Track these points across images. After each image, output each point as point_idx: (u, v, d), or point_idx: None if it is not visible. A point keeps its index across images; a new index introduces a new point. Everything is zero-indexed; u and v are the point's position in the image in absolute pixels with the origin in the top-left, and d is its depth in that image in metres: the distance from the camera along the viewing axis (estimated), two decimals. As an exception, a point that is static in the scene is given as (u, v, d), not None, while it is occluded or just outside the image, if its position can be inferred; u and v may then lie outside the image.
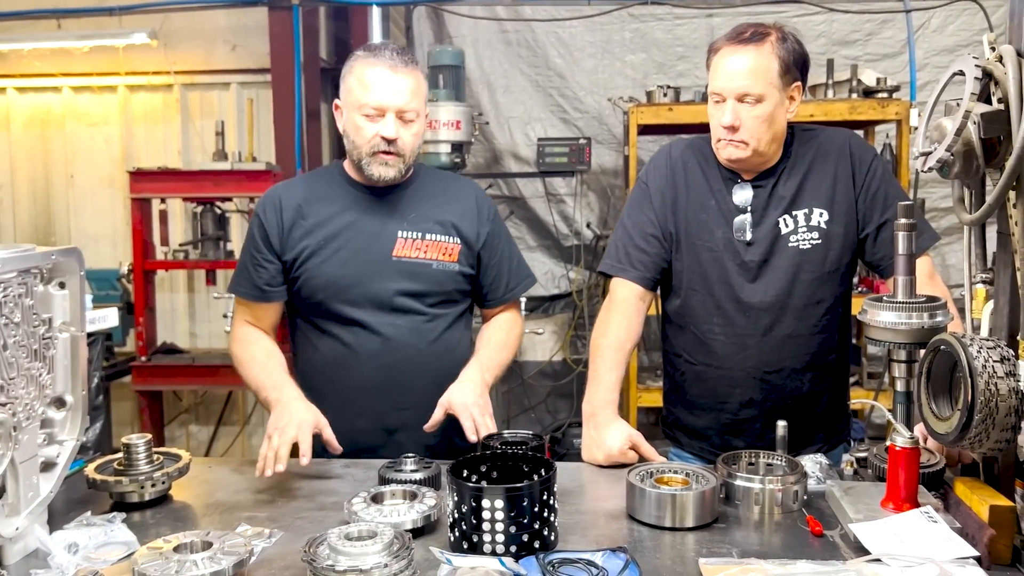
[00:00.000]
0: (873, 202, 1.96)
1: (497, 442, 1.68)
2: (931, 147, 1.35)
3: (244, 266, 2.05)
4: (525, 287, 2.19)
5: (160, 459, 1.67)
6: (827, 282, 1.97)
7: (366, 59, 1.94)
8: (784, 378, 1.98)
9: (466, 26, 5.07)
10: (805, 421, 1.96)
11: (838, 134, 2.04)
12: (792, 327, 1.96)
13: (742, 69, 1.87)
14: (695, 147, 2.08)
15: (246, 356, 2.01)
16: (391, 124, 1.91)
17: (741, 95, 1.87)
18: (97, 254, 5.06)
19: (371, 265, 1.97)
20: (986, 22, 4.68)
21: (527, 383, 5.17)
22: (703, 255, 1.99)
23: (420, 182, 2.08)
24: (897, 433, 1.43)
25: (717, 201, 2.00)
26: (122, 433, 5.25)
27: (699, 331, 2.02)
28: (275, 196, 2.05)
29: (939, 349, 1.40)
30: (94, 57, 4.87)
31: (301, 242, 1.99)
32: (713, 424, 2.05)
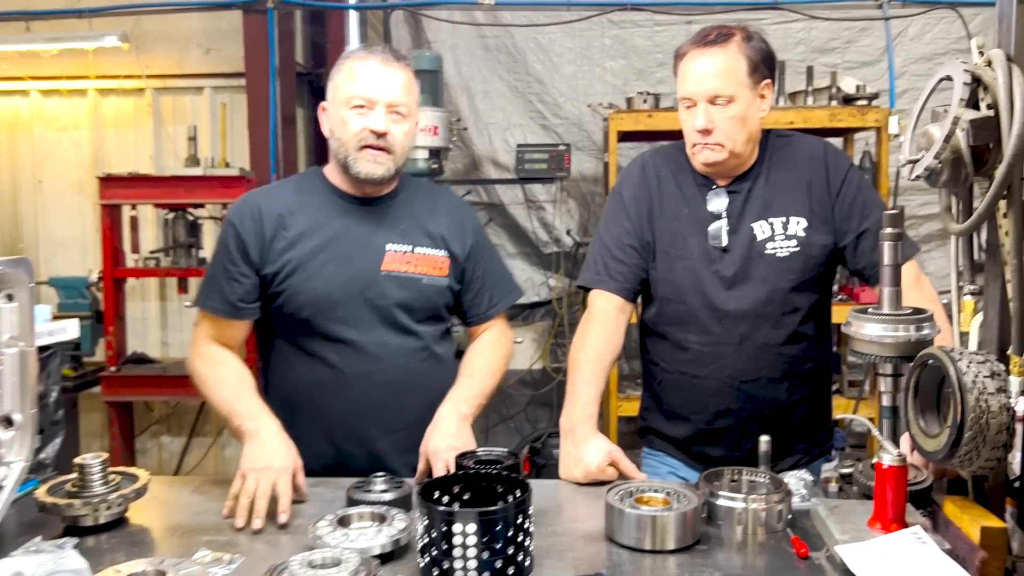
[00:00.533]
0: (850, 211, 1.93)
1: (470, 461, 1.60)
2: (918, 154, 1.31)
3: (215, 279, 1.91)
4: (509, 301, 2.11)
5: (116, 479, 1.59)
6: (804, 291, 1.94)
7: (357, 55, 1.87)
8: (761, 387, 1.94)
9: (444, 31, 5.01)
10: (783, 431, 1.93)
11: (813, 143, 2.02)
12: (768, 336, 1.92)
13: (710, 71, 1.84)
14: (668, 155, 2.05)
15: (213, 377, 1.86)
16: (381, 116, 1.82)
17: (712, 97, 1.84)
18: (66, 261, 4.95)
19: (360, 280, 1.87)
20: (963, 30, 4.72)
21: (506, 392, 5.10)
22: (677, 264, 1.96)
23: (407, 192, 2.00)
24: (884, 451, 1.38)
25: (691, 209, 1.96)
26: (91, 445, 5.17)
27: (675, 340, 1.99)
28: (253, 204, 1.91)
29: (927, 363, 1.35)
30: (63, 60, 4.75)
31: (284, 255, 1.87)
32: (689, 433, 2.01)
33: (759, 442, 1.64)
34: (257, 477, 1.60)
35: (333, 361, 1.87)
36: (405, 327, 1.90)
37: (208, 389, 1.86)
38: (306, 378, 1.89)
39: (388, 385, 1.88)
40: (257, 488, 1.58)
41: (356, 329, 1.87)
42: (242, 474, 1.62)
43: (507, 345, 2.10)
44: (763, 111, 1.91)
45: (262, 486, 1.58)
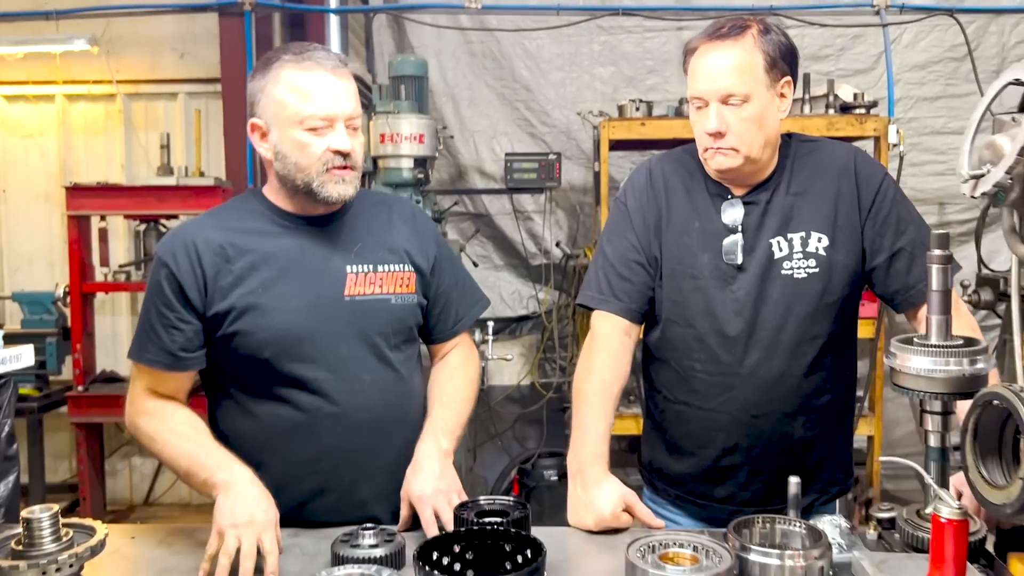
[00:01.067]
0: (884, 228, 1.75)
1: (472, 513, 1.43)
2: (982, 169, 1.16)
3: (150, 328, 1.66)
4: (476, 313, 1.91)
5: (69, 534, 1.39)
6: (824, 317, 1.75)
7: (297, 63, 1.62)
8: (772, 422, 1.76)
9: (428, 36, 4.85)
10: (797, 470, 1.75)
11: (842, 149, 1.83)
12: (783, 365, 1.74)
13: (723, 67, 1.66)
14: (678, 161, 1.87)
15: (164, 432, 1.63)
16: (343, 135, 1.63)
17: (725, 96, 1.67)
18: (32, 275, 4.75)
19: (323, 311, 1.66)
20: (956, 38, 4.63)
21: (493, 410, 4.92)
22: (684, 283, 1.78)
23: (357, 205, 1.78)
24: (942, 502, 1.23)
25: (701, 222, 1.78)
26: (58, 467, 4.94)
27: (680, 367, 1.81)
28: (186, 238, 1.67)
29: (990, 403, 1.20)
30: (29, 64, 4.56)
31: (233, 292, 1.63)
32: (692, 470, 1.83)
33: (788, 484, 1.48)
34: (238, 534, 1.41)
35: (300, 404, 1.65)
36: (379, 357, 1.71)
37: (161, 446, 1.63)
38: (267, 427, 1.67)
39: (363, 426, 1.68)
40: (240, 546, 1.39)
41: (324, 366, 1.65)
42: (219, 531, 1.42)
43: (476, 365, 1.92)
44: (782, 112, 1.74)
45: (245, 544, 1.39)
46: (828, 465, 1.85)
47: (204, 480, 1.55)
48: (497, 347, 4.50)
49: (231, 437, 1.67)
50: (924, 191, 4.72)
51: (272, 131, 1.66)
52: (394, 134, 3.83)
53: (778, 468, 1.76)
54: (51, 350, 4.23)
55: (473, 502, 1.49)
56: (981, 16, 4.68)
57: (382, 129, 3.85)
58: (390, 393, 1.71)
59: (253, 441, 1.66)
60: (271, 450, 1.65)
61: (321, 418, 1.65)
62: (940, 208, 4.81)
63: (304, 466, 1.66)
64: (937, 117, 4.83)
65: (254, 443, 1.66)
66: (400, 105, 3.90)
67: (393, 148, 3.86)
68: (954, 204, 4.76)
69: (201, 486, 1.56)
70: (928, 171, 4.75)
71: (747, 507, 1.78)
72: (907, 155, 4.38)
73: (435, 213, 4.01)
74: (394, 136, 3.84)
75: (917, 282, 1.71)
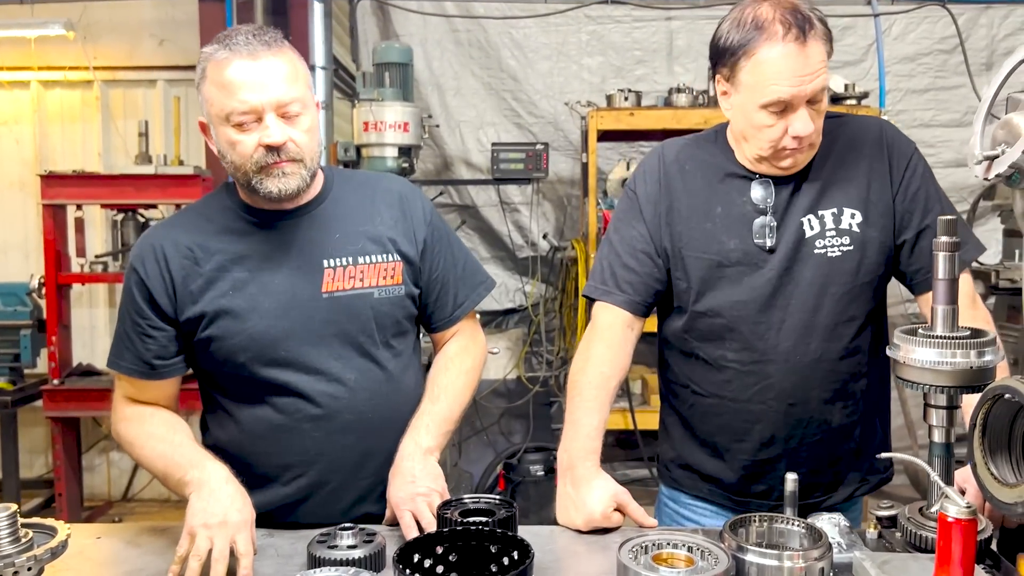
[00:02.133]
0: (913, 204, 1.67)
1: (456, 512, 1.35)
2: (997, 149, 1.10)
3: (124, 335, 1.59)
4: (479, 297, 1.78)
5: (29, 535, 1.32)
6: (860, 296, 1.67)
7: (217, 54, 1.48)
8: (811, 410, 1.67)
9: (414, 24, 4.77)
10: (837, 459, 1.70)
11: (871, 122, 1.75)
12: (820, 349, 1.65)
13: (811, 68, 1.52)
14: (694, 145, 1.78)
15: (142, 434, 1.56)
16: (274, 127, 1.47)
17: (813, 96, 1.54)
18: (6, 266, 4.64)
19: (299, 311, 1.56)
20: (946, 30, 4.60)
21: (479, 403, 4.86)
22: (711, 271, 1.68)
23: (337, 192, 1.67)
24: (949, 500, 1.16)
25: (725, 206, 1.69)
26: (34, 463, 4.83)
27: (709, 357, 1.71)
28: (155, 242, 1.58)
29: (1000, 397, 1.14)
30: (3, 49, 4.45)
31: (203, 296, 1.55)
32: (729, 466, 1.74)
33: (786, 480, 1.42)
34: (210, 535, 1.33)
35: (280, 407, 1.56)
36: (363, 355, 1.61)
37: (139, 450, 1.56)
38: (249, 431, 1.59)
39: (348, 428, 1.59)
40: (212, 548, 1.31)
41: (302, 369, 1.56)
42: (190, 532, 1.34)
43: (478, 353, 1.80)
44: None
45: (218, 546, 1.31)
46: (868, 453, 1.76)
47: (178, 480, 1.47)
48: (483, 340, 4.45)
49: (220, 442, 1.60)
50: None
51: (211, 129, 1.55)
52: (378, 122, 3.76)
53: (818, 458, 1.69)
54: (26, 343, 4.14)
55: (457, 500, 1.42)
56: (971, 8, 4.64)
57: (366, 117, 3.77)
58: (377, 393, 1.62)
59: (238, 445, 1.59)
60: (255, 454, 1.58)
61: (302, 421, 1.57)
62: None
63: (288, 470, 1.58)
64: (926, 110, 4.80)
65: (239, 447, 1.59)
66: (384, 93, 3.83)
67: (377, 136, 3.78)
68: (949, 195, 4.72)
69: (176, 486, 1.48)
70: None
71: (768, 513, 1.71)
72: (897, 147, 4.34)
73: (420, 204, 3.93)
74: (378, 124, 3.76)
75: None
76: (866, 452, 1.76)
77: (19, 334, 4.13)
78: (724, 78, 1.64)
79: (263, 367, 1.55)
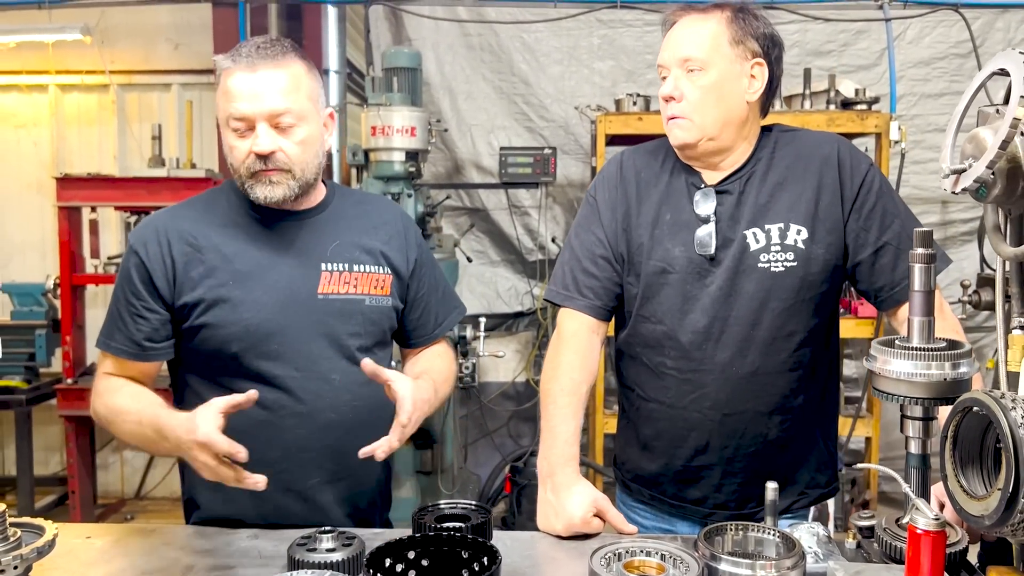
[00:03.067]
0: (869, 221, 1.68)
1: (431, 517, 1.38)
2: (964, 163, 1.10)
3: (117, 315, 1.63)
4: (455, 320, 1.89)
5: (17, 535, 1.35)
6: (801, 312, 1.68)
7: (224, 63, 1.58)
8: (747, 421, 1.70)
9: (426, 28, 4.80)
10: (773, 472, 1.67)
11: (825, 138, 1.76)
12: (757, 363, 1.67)
13: (685, 36, 1.65)
14: (650, 153, 1.81)
15: (113, 408, 1.59)
16: (263, 136, 1.54)
17: (681, 61, 1.64)
18: (24, 266, 4.71)
19: (295, 307, 1.62)
20: (962, 34, 4.56)
21: (487, 407, 4.88)
22: (656, 277, 1.71)
23: (337, 204, 1.75)
24: (918, 512, 1.17)
25: (673, 213, 1.71)
26: (49, 460, 4.91)
27: (651, 363, 1.75)
28: (159, 226, 1.64)
29: (970, 410, 1.14)
30: (22, 53, 4.52)
31: (203, 283, 1.60)
32: (665, 471, 1.77)
33: (766, 489, 1.42)
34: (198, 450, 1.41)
35: (265, 401, 1.57)
36: (349, 358, 1.65)
37: (114, 425, 1.61)
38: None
39: (330, 427, 1.63)
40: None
41: (292, 365, 1.61)
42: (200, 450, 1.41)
43: (453, 363, 1.90)
44: (751, 94, 1.67)
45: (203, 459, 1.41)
46: (807, 468, 1.78)
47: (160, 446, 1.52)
48: (493, 343, 4.47)
49: None
50: (927, 189, 4.65)
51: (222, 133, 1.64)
52: (385, 127, 3.78)
53: (753, 470, 1.71)
54: (41, 342, 4.20)
55: (434, 506, 1.44)
56: (987, 11, 4.60)
57: (374, 121, 3.80)
58: (359, 395, 1.65)
59: None
60: None
61: (286, 417, 1.60)
62: (943, 207, 4.74)
63: (265, 467, 1.58)
64: (941, 114, 4.75)
65: None
66: (392, 97, 3.85)
67: (385, 141, 3.81)
68: (957, 203, 4.68)
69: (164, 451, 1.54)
70: (931, 169, 4.67)
71: (721, 510, 1.73)
72: (910, 153, 4.31)
73: (428, 207, 3.96)
74: (385, 129, 3.79)
75: (903, 278, 1.65)
76: (805, 467, 1.78)
77: (34, 334, 4.20)
78: None
79: (255, 359, 1.60)
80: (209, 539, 1.51)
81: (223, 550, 1.47)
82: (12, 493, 4.42)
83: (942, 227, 4.73)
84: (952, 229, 4.75)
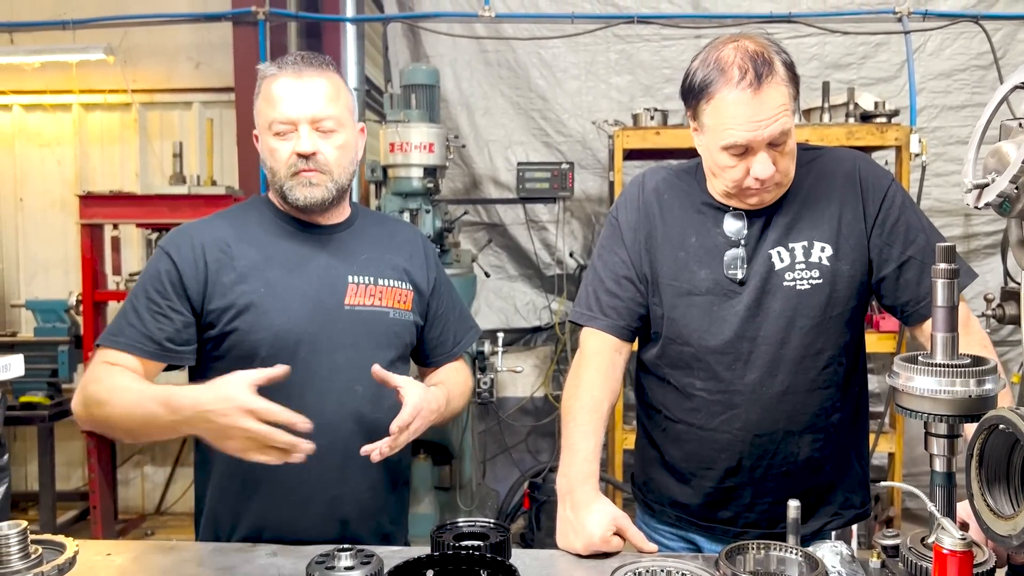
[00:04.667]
0: (892, 237, 1.67)
1: (450, 535, 1.37)
2: (987, 178, 1.09)
3: (133, 313, 1.61)
4: (471, 340, 1.93)
5: (38, 552, 1.36)
6: (829, 329, 1.67)
7: (268, 72, 1.66)
8: (777, 442, 1.68)
9: (444, 45, 4.83)
10: (806, 492, 1.67)
11: (845, 155, 1.75)
12: (787, 382, 1.66)
13: (768, 114, 1.53)
14: (673, 175, 1.80)
15: (108, 386, 1.51)
16: (306, 137, 1.62)
17: (774, 140, 1.56)
18: (47, 283, 4.77)
19: (322, 317, 1.65)
20: (982, 46, 4.53)
21: (505, 422, 4.87)
22: (682, 299, 1.70)
23: (362, 221, 1.81)
24: (944, 532, 1.15)
25: (699, 236, 1.71)
26: (71, 475, 4.95)
27: (679, 384, 1.73)
28: (192, 233, 1.68)
29: (996, 427, 1.12)
30: (47, 74, 4.59)
31: (236, 288, 1.62)
32: (694, 492, 1.75)
33: (788, 507, 1.41)
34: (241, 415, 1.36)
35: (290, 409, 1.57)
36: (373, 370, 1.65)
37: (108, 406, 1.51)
38: None
39: (353, 437, 1.62)
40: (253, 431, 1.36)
41: (317, 373, 1.63)
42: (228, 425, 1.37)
43: (470, 379, 1.94)
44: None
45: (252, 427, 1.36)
46: (840, 487, 1.76)
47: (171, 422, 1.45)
48: (511, 358, 4.45)
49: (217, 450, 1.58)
50: (949, 202, 4.61)
51: (259, 139, 1.70)
52: (404, 143, 3.80)
53: (785, 489, 1.68)
54: (63, 358, 4.23)
55: (452, 524, 1.43)
56: (1008, 23, 4.56)
57: (392, 138, 3.82)
58: (380, 407, 1.66)
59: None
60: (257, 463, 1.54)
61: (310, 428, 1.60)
62: (966, 220, 4.70)
63: (289, 475, 1.56)
64: (963, 126, 4.71)
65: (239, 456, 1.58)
66: (411, 114, 3.87)
67: (403, 157, 3.82)
68: (980, 215, 4.63)
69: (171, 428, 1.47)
70: (953, 181, 4.63)
71: (752, 529, 1.71)
72: (932, 165, 4.28)
73: (446, 222, 3.97)
74: (404, 145, 3.81)
75: (928, 293, 1.63)
76: (838, 486, 1.76)
77: (57, 350, 4.23)
78: (691, 117, 1.66)
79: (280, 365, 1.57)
80: (228, 556, 1.51)
81: (242, 568, 1.47)
82: (34, 508, 4.45)
83: (965, 240, 4.68)
84: (975, 242, 4.70)
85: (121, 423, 1.53)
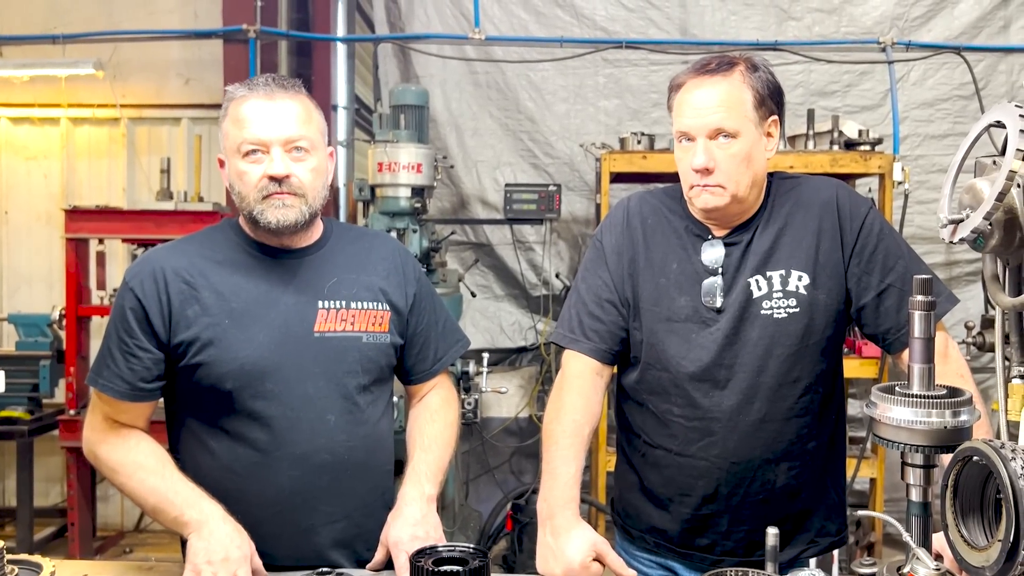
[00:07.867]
0: (870, 265, 1.69)
1: (429, 561, 1.37)
2: (962, 213, 1.11)
3: (109, 353, 1.61)
4: (456, 353, 1.87)
5: (15, 572, 1.35)
6: (806, 358, 1.69)
7: (238, 93, 1.61)
8: (754, 469, 1.69)
9: (434, 66, 4.86)
10: (782, 520, 1.67)
11: (824, 184, 1.77)
12: (764, 410, 1.67)
13: (712, 102, 1.62)
14: (657, 199, 1.82)
15: (128, 463, 1.58)
16: (279, 159, 1.56)
17: (714, 132, 1.62)
18: (31, 297, 4.74)
19: (290, 346, 1.61)
20: (964, 76, 4.60)
21: (489, 442, 4.86)
22: (661, 325, 1.72)
23: (335, 240, 1.75)
24: (919, 562, 1.17)
25: (679, 263, 1.72)
26: (49, 491, 4.90)
27: (657, 410, 1.74)
28: (155, 264, 1.62)
29: (970, 459, 1.14)
30: (36, 87, 4.59)
31: (199, 320, 1.59)
32: (672, 519, 1.76)
33: (766, 535, 1.42)
34: (214, 571, 1.39)
35: (260, 442, 1.59)
36: (345, 397, 1.65)
37: (126, 479, 1.58)
38: (225, 463, 1.61)
39: (326, 467, 1.62)
40: None
41: (287, 404, 1.59)
42: (195, 570, 1.41)
43: (456, 407, 1.87)
44: (769, 151, 1.69)
45: None
46: (817, 514, 1.78)
47: (174, 518, 1.52)
48: (496, 378, 4.45)
49: (189, 471, 1.61)
50: (931, 229, 4.66)
51: (226, 163, 1.65)
52: (392, 163, 3.82)
53: (762, 517, 1.69)
54: (45, 373, 4.21)
55: (432, 549, 1.43)
56: (990, 55, 4.64)
57: (380, 158, 3.83)
58: (354, 436, 1.65)
59: (210, 477, 1.60)
60: (228, 487, 1.59)
61: (280, 458, 1.60)
62: (948, 247, 4.74)
63: (260, 508, 1.59)
64: (945, 155, 4.77)
65: (211, 479, 1.60)
66: (399, 134, 3.89)
67: (391, 177, 3.84)
68: (962, 243, 4.68)
69: (172, 524, 1.54)
70: (936, 209, 4.63)
71: (729, 556, 1.71)
72: (914, 193, 4.33)
73: (433, 242, 3.98)
74: (392, 165, 3.82)
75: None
76: (815, 514, 1.77)
77: (39, 364, 4.21)
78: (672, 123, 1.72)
79: (249, 398, 1.59)
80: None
81: (220, 591, 1.46)
82: (11, 524, 4.40)
83: (946, 267, 4.73)
84: (957, 269, 4.75)
85: (127, 495, 1.61)
